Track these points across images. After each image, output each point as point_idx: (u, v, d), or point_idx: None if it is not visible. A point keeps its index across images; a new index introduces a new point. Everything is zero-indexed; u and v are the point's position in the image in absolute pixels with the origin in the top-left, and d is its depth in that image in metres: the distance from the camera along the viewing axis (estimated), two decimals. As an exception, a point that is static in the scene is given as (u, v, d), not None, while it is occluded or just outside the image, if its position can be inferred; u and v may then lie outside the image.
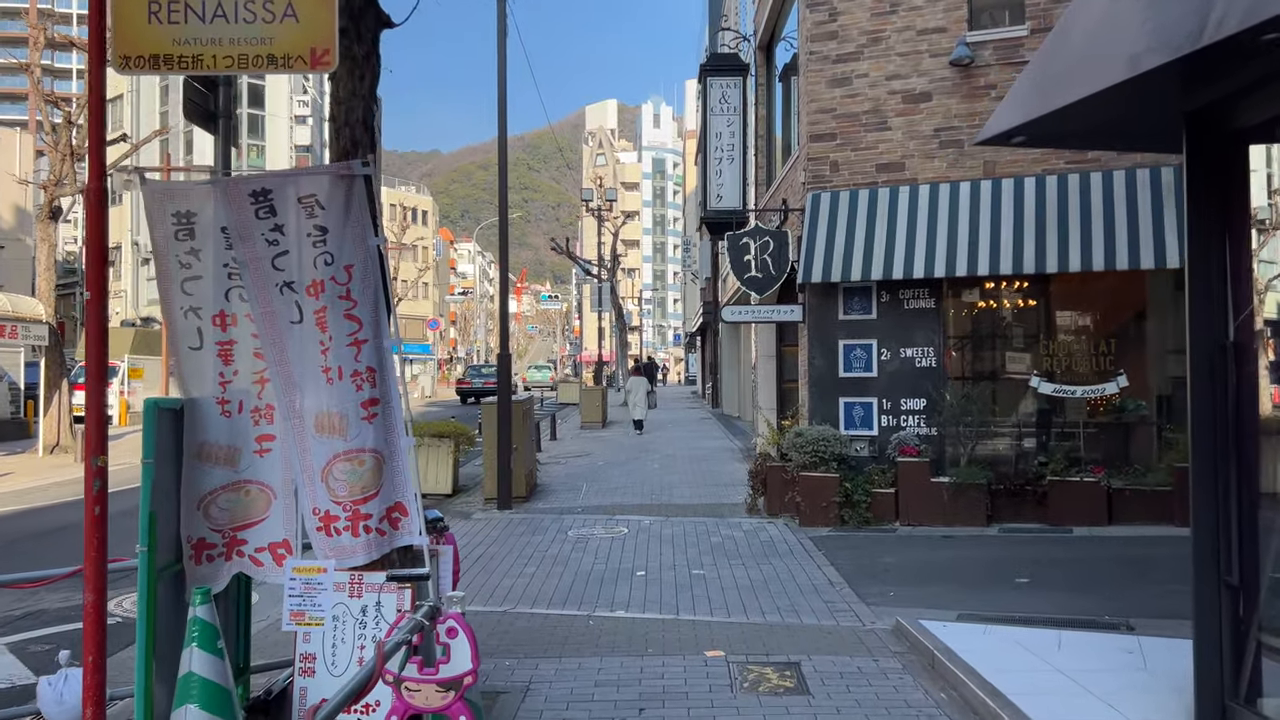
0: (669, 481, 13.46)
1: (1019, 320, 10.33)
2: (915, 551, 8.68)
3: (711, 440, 19.45)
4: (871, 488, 9.86)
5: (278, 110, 40.62)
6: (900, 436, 10.06)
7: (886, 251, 9.93)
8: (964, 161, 10.11)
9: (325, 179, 4.33)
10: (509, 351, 11.51)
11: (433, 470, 12.78)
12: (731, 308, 11.08)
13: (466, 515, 11.19)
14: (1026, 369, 10.09)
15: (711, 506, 11.34)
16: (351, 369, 4.30)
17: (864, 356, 10.33)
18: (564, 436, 21.36)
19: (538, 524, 10.46)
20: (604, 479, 13.95)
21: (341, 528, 4.30)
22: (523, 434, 11.99)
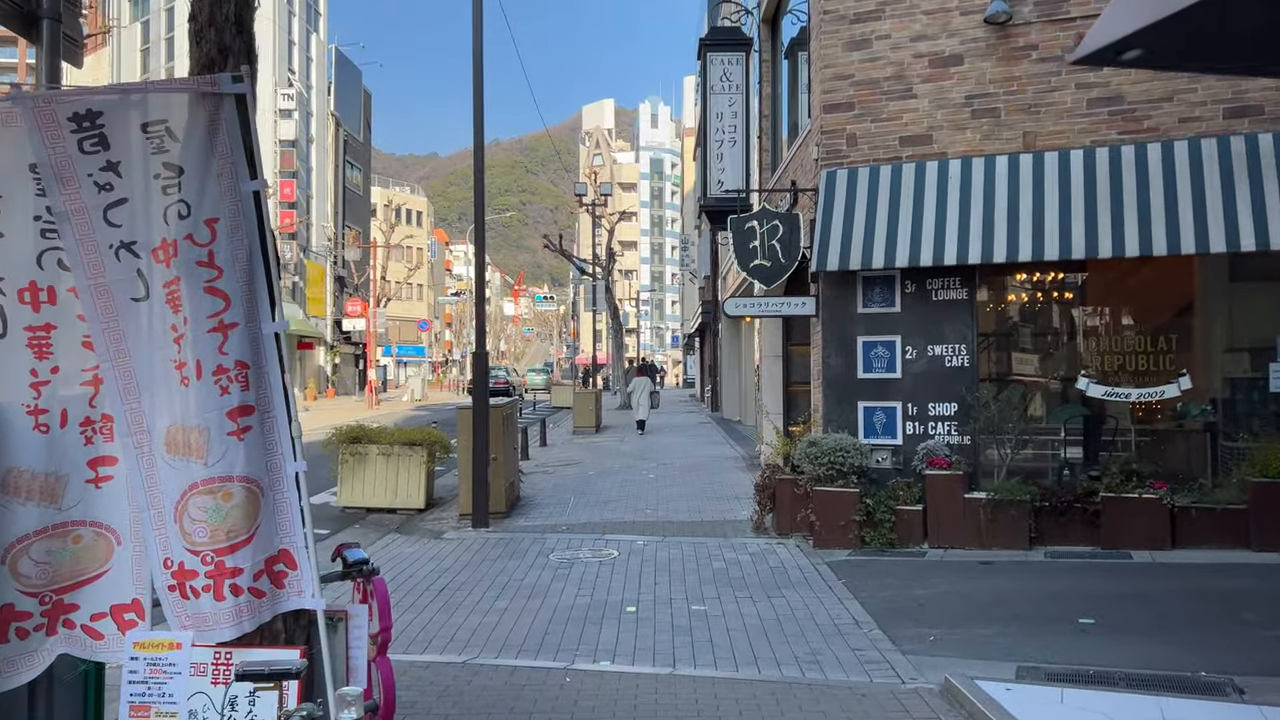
0: (666, 494, 12.22)
1: (1064, 313, 9.10)
2: (951, 581, 7.44)
3: (711, 447, 18.21)
4: (896, 504, 8.64)
5: (260, 103, 38.92)
6: (928, 446, 8.83)
7: (913, 235, 8.71)
8: (1000, 132, 8.89)
9: (181, 100, 3.11)
10: (485, 350, 10.28)
11: (403, 482, 11.54)
12: (736, 300, 9.87)
13: (437, 534, 9.95)
14: (1073, 369, 8.87)
15: (713, 524, 10.10)
16: (214, 364, 3.07)
17: (886, 355, 9.11)
18: (555, 442, 20.12)
19: (516, 545, 9.22)
20: (594, 491, 12.71)
21: (200, 586, 3.06)
22: (502, 442, 10.75)
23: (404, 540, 9.74)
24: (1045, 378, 9.03)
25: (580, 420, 22.69)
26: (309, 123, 42.89)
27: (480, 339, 10.26)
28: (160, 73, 40.16)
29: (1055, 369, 9.09)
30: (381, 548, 9.35)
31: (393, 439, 11.60)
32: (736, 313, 9.83)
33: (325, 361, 46.01)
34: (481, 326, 10.24)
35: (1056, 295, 9.12)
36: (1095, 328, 8.95)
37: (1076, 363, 8.87)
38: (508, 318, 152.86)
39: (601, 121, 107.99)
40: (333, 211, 45.70)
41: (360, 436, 11.63)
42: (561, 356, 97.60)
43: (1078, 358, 8.90)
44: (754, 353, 19.03)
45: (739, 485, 12.74)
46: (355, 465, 11.55)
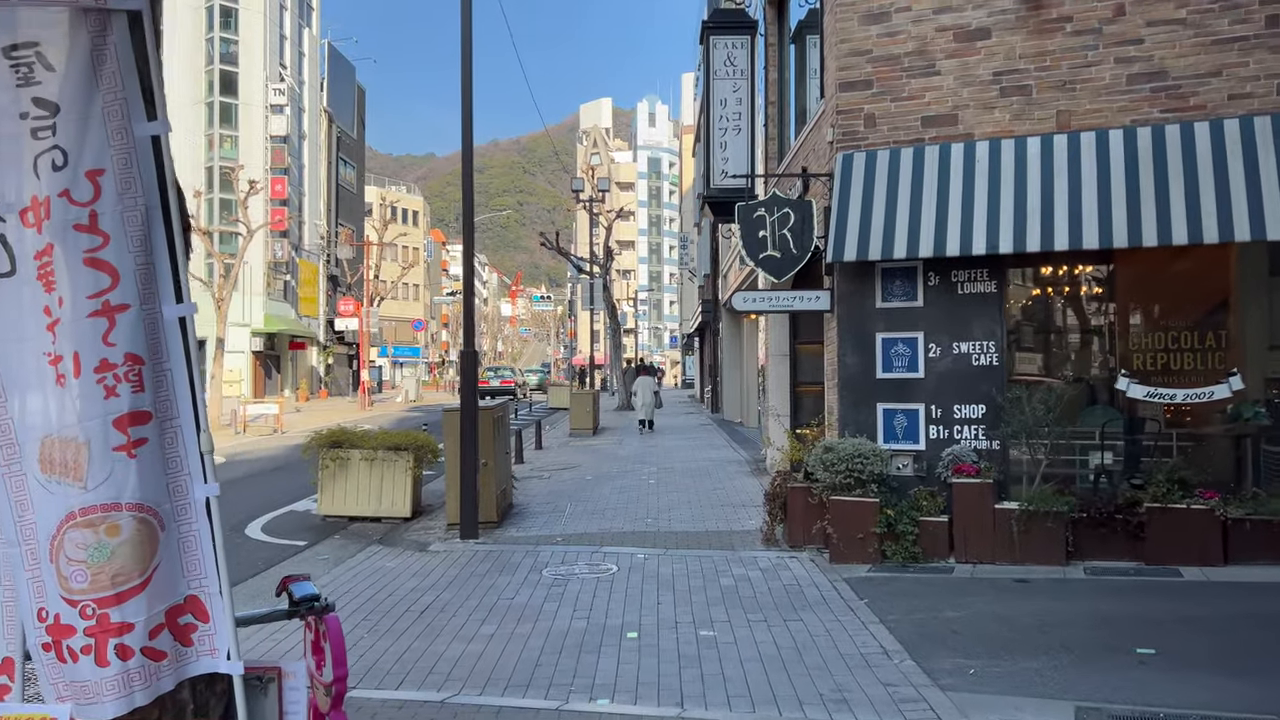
0: (668, 501, 11.52)
1: (1101, 307, 8.41)
2: (985, 602, 6.75)
3: (714, 450, 17.51)
4: (919, 515, 7.94)
5: (251, 98, 38.49)
6: (954, 451, 8.13)
7: (937, 223, 8.01)
8: (1032, 111, 8.20)
9: (58, 17, 2.41)
10: (474, 348, 9.58)
11: (388, 489, 10.84)
12: (744, 294, 9.16)
13: (422, 546, 9.24)
14: (1108, 368, 8.18)
15: (719, 535, 9.40)
16: (97, 358, 2.37)
17: (907, 353, 8.41)
18: (550, 445, 19.42)
19: (507, 559, 8.52)
20: (592, 498, 12.00)
21: (79, 646, 2.37)
22: (493, 447, 10.05)
23: (386, 553, 9.03)
24: (1078, 378, 8.34)
25: (577, 422, 21.99)
26: (301, 118, 42.14)
27: (469, 336, 9.56)
28: (149, 67, 39.49)
29: (1090, 368, 8.40)
30: (361, 561, 8.64)
31: (376, 443, 10.89)
32: (744, 308, 9.15)
33: (318, 362, 45.27)
34: (470, 322, 9.54)
35: (1091, 288, 8.44)
36: (1133, 323, 8.26)
37: (1113, 361, 8.18)
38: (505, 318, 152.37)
39: (599, 121, 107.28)
40: (325, 209, 44.94)
41: (342, 440, 10.93)
42: (559, 357, 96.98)
43: (1115, 356, 8.21)
44: (757, 352, 18.35)
45: (744, 491, 12.05)
46: (337, 471, 10.84)
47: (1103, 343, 8.32)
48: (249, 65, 38.12)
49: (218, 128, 37.78)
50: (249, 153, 37.75)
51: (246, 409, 23.62)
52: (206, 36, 37.46)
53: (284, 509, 11.95)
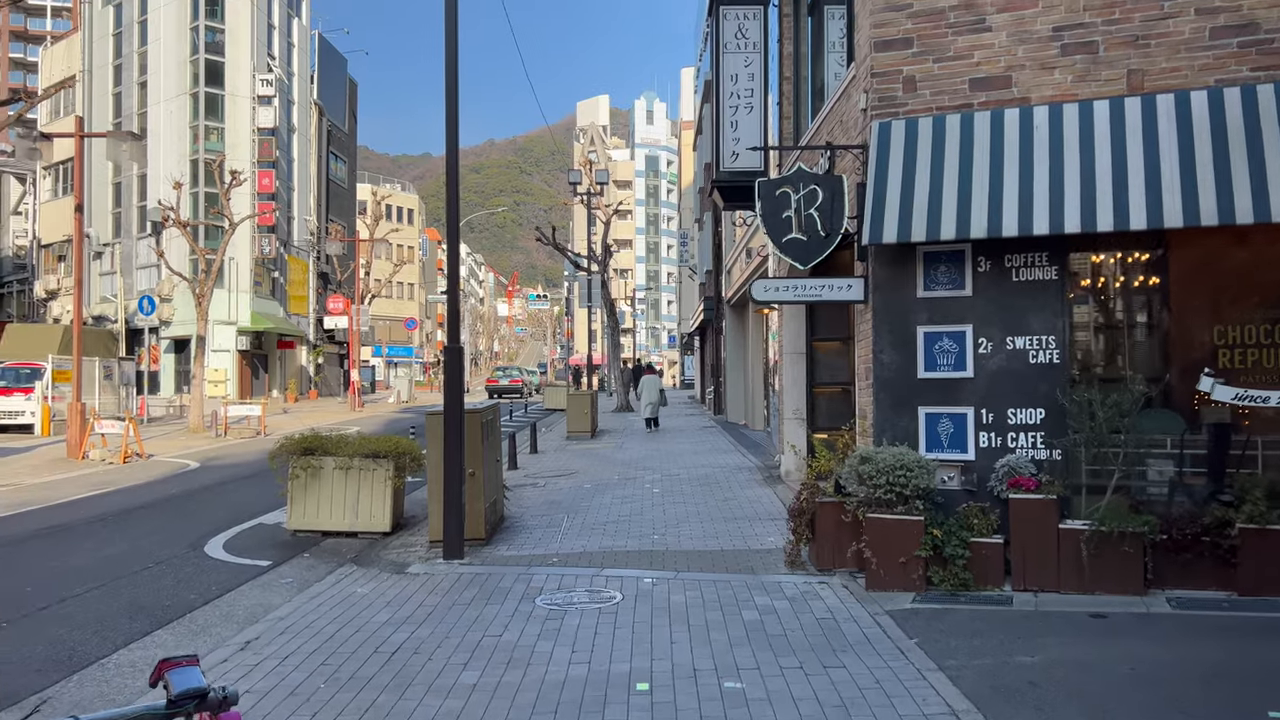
0: (675, 514, 10.45)
1: (1181, 296, 7.34)
2: (1061, 643, 5.69)
3: (721, 455, 16.44)
4: (969, 536, 6.89)
5: (238, 89, 37.23)
6: (1010, 462, 7.08)
7: (991, 199, 6.96)
8: (1098, 71, 7.14)
9: None
10: (460, 344, 8.50)
11: (366, 501, 9.76)
12: (765, 282, 8.08)
13: (400, 567, 8.17)
14: (1192, 366, 7.12)
15: (736, 555, 8.33)
16: None
17: (954, 349, 7.36)
18: (546, 449, 18.34)
19: (496, 584, 7.45)
20: (591, 509, 10.93)
21: None
22: (482, 454, 8.98)
23: (359, 576, 7.95)
24: (1153, 377, 7.28)
25: (574, 425, 20.92)
26: (290, 111, 40.97)
27: (453, 330, 8.49)
28: (133, 57, 38.27)
29: (1172, 366, 7.34)
30: (329, 586, 7.56)
31: (352, 450, 9.82)
32: (765, 298, 8.08)
33: (308, 362, 44.11)
34: (455, 314, 8.46)
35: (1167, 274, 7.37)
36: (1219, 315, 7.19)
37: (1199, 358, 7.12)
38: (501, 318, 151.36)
39: (596, 118, 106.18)
40: (316, 205, 43.79)
41: (314, 447, 9.85)
42: (555, 357, 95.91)
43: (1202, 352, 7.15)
44: (767, 351, 17.33)
45: (758, 503, 10.98)
46: (309, 481, 9.77)
47: (1189, 336, 7.25)
48: (236, 55, 36.95)
49: (203, 119, 36.59)
50: (236, 146, 36.59)
51: (227, 410, 22.50)
52: (191, 25, 36.31)
53: (253, 521, 10.87)
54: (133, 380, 26.87)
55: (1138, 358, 7.43)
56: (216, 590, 7.62)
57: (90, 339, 27.87)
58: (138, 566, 8.47)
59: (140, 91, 37.67)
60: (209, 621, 6.72)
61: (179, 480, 14.72)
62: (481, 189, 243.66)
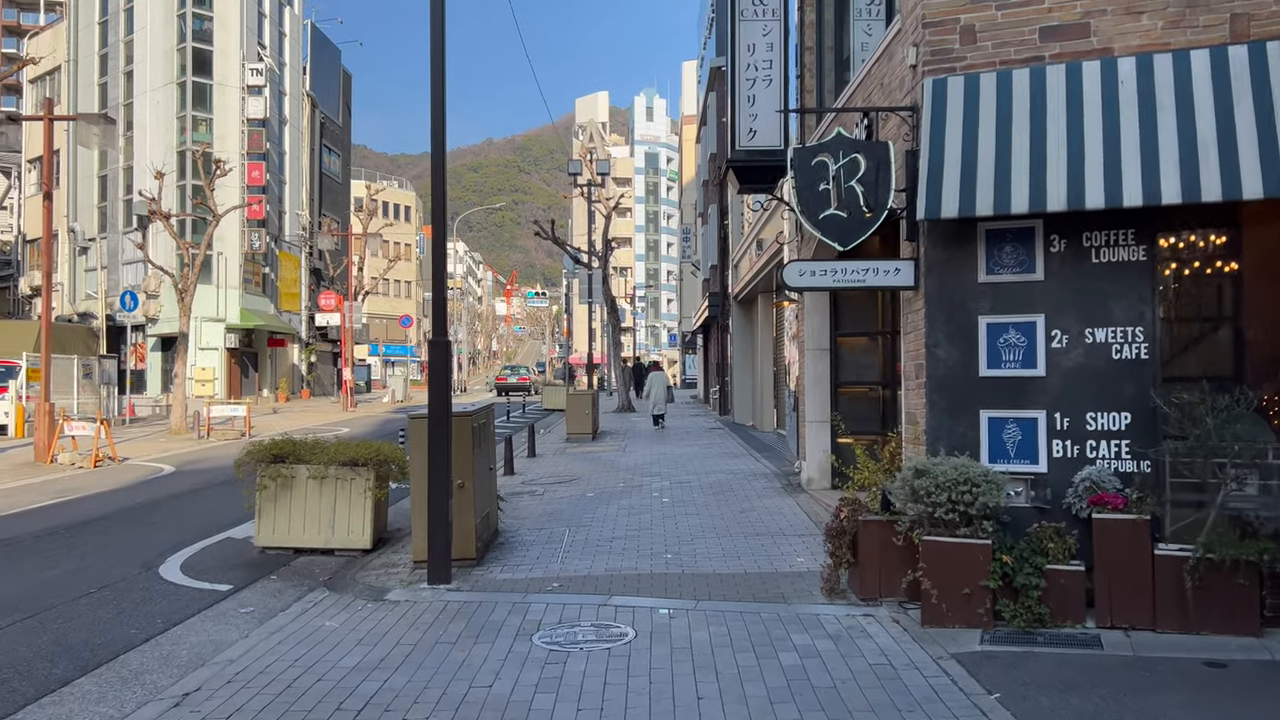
0: (689, 528, 9.39)
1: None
2: (1180, 704, 4.63)
3: (731, 459, 15.38)
4: (1045, 562, 5.84)
5: (227, 79, 36.10)
6: (1091, 475, 6.03)
7: (1070, 166, 5.91)
8: (1194, 17, 6.09)
9: None
10: (446, 338, 7.44)
11: (343, 514, 8.71)
12: (800, 265, 7.00)
13: (379, 594, 7.11)
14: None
15: (763, 579, 7.28)
16: None
17: (1022, 343, 6.31)
18: (545, 452, 17.28)
19: (486, 616, 6.39)
20: (595, 522, 9.88)
21: None
22: (472, 463, 7.92)
23: (329, 604, 6.89)
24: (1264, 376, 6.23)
25: (574, 426, 19.86)
26: (282, 102, 39.85)
27: (439, 319, 7.43)
28: (119, 46, 37.14)
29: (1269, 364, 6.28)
30: (293, 618, 6.50)
31: (329, 457, 8.76)
32: (800, 284, 7.00)
33: (300, 360, 42.99)
34: (441, 302, 7.40)
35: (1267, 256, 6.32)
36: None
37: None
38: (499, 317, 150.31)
39: (595, 115, 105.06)
40: (308, 199, 42.66)
41: (285, 454, 8.80)
42: (554, 356, 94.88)
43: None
44: (782, 348, 16.28)
45: (781, 515, 9.92)
46: (279, 493, 8.72)
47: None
48: (225, 44, 35.83)
49: (190, 110, 35.46)
50: (224, 137, 35.47)
51: (210, 411, 21.43)
52: (179, 13, 35.18)
53: (220, 536, 9.81)
54: (114, 379, 25.78)
55: (1247, 351, 6.36)
56: (162, 623, 6.55)
57: (69, 336, 26.79)
58: (78, 592, 7.40)
59: (126, 81, 36.55)
60: (145, 665, 5.65)
61: (148, 487, 13.65)
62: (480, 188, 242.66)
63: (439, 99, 7.33)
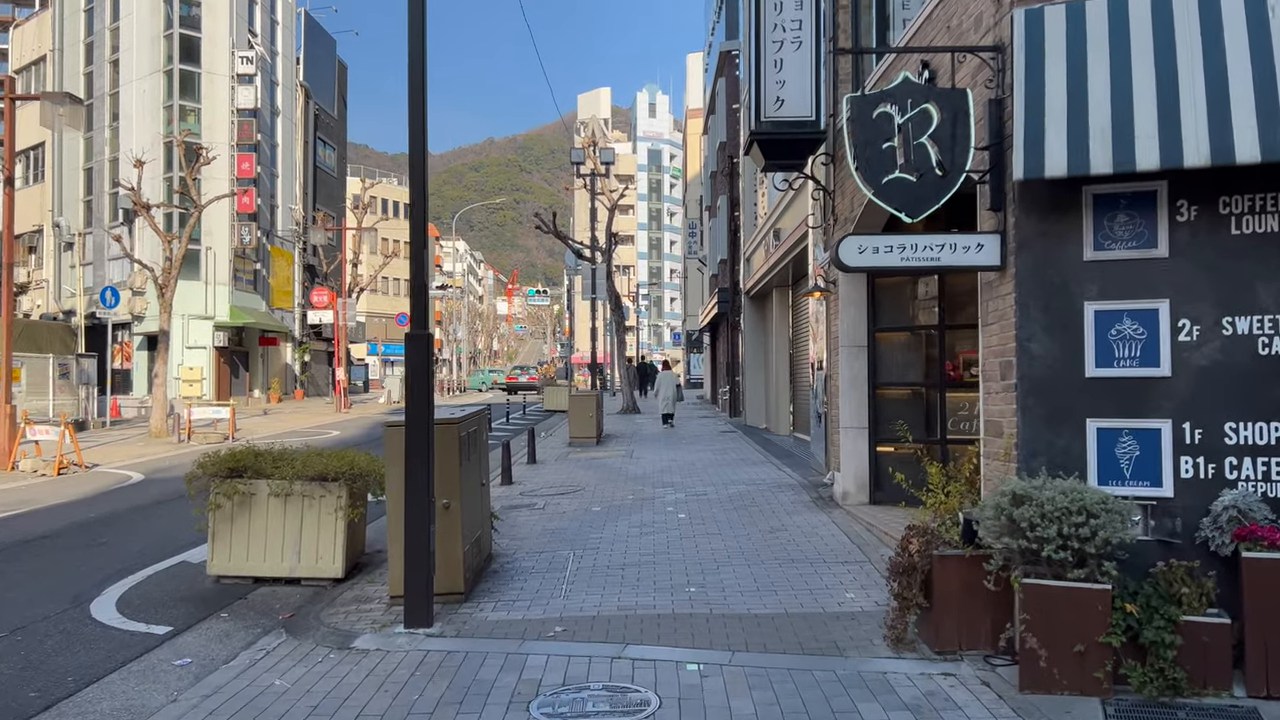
0: (711, 551, 8.14)
1: None
2: None
3: (750, 466, 14.13)
4: (1179, 612, 4.60)
5: (216, 68, 34.80)
6: (1235, 502, 4.78)
7: (1211, 111, 4.66)
8: (1365, -77, 4.83)
9: None
10: (427, 331, 6.19)
11: (311, 538, 7.48)
12: (857, 239, 5.71)
13: (344, 641, 5.87)
14: None
15: (809, 621, 6.03)
16: None
17: (1140, 335, 5.07)
18: (546, 458, 16.04)
19: (474, 673, 5.15)
20: (603, 543, 8.63)
21: None
22: (458, 480, 6.67)
23: (284, 654, 5.66)
24: None
25: (577, 430, 18.61)
26: (274, 93, 38.58)
27: (420, 309, 6.18)
28: (105, 34, 35.88)
29: None
30: (235, 674, 5.26)
31: (294, 471, 7.52)
32: (859, 262, 5.71)
33: (293, 359, 41.72)
34: (422, 287, 6.15)
35: None
36: None
37: None
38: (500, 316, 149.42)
39: (598, 111, 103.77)
40: (302, 193, 41.38)
41: (244, 467, 7.56)
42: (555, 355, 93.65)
43: None
44: (805, 344, 15.07)
45: (817, 535, 8.66)
46: (237, 512, 7.49)
47: None
48: (213, 31, 34.56)
49: (177, 99, 34.20)
50: (213, 127, 34.21)
51: (191, 413, 20.20)
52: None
53: (175, 559, 8.58)
54: (93, 379, 24.54)
55: None
56: (73, 682, 5.32)
57: (45, 334, 25.56)
58: (-16, 637, 6.16)
59: (112, 70, 35.28)
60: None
61: (110, 498, 12.41)
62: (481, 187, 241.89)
63: (418, 52, 6.09)
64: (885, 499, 9.70)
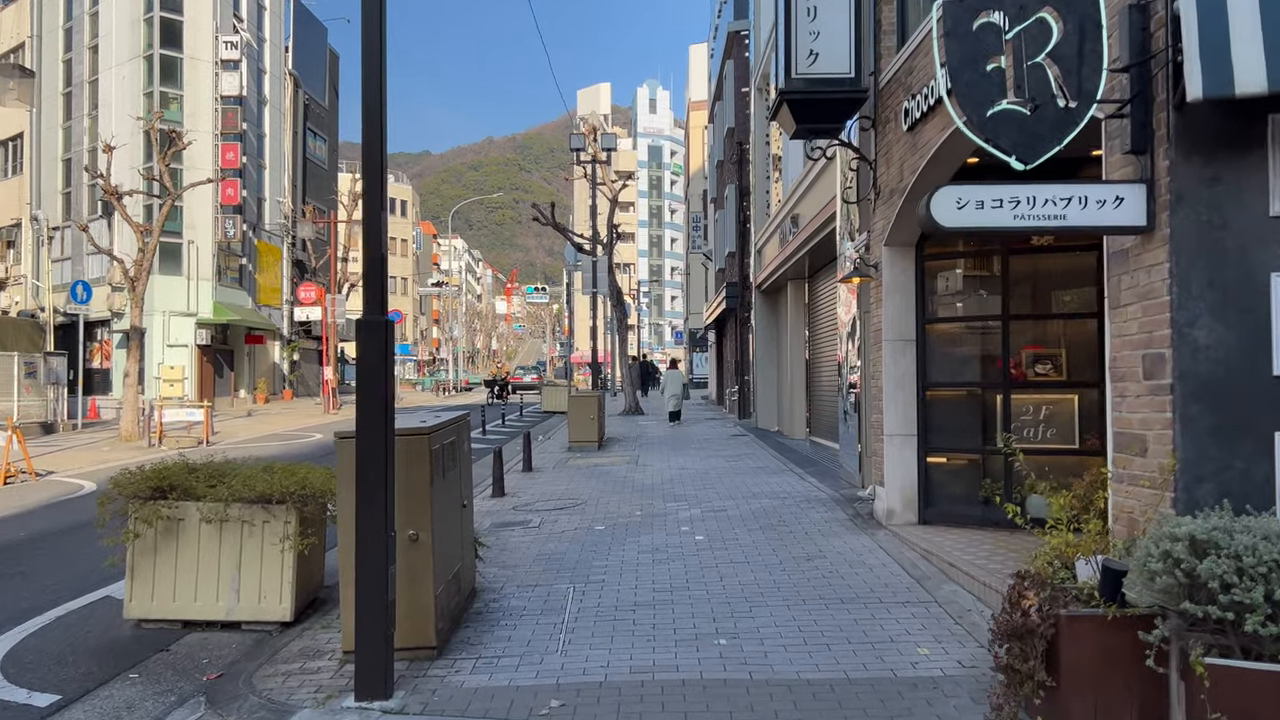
0: (740, 586, 6.75)
1: None
2: None
3: (771, 476, 12.74)
4: None
5: (199, 52, 33.35)
6: None
7: None
8: None
9: None
10: (385, 316, 4.82)
11: (252, 574, 6.13)
12: (959, 189, 4.32)
13: (281, 717, 4.49)
14: None
15: (876, 691, 4.65)
16: None
17: (1353, 318, 3.68)
18: (543, 465, 14.67)
19: (437, 783, 3.77)
20: (609, 573, 7.25)
21: None
22: (428, 504, 5.29)
23: (191, 743, 4.28)
24: None
25: (577, 433, 17.23)
26: (261, 81, 37.15)
27: (377, 285, 4.80)
28: (84, 19, 34.46)
29: None
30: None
31: (232, 492, 6.14)
32: (958, 223, 4.26)
33: (281, 358, 40.28)
34: (378, 258, 4.78)
35: None
36: None
37: None
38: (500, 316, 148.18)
39: (597, 106, 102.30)
40: (290, 186, 39.92)
41: (170, 486, 6.21)
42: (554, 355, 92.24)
43: None
44: (841, 339, 13.72)
45: (864, 565, 7.28)
46: (162, 543, 6.14)
47: None
48: (196, 15, 33.11)
49: (158, 85, 32.74)
50: (196, 115, 32.77)
51: (162, 414, 18.81)
52: (146, -20, 32.53)
53: (98, 593, 7.23)
54: (63, 378, 23.15)
55: None
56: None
57: (9, 331, 24.12)
58: None
59: (92, 57, 33.86)
60: None
61: (50, 513, 11.04)
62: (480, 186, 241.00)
63: None
64: (936, 518, 8.34)
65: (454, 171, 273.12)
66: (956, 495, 8.45)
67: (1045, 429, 8.27)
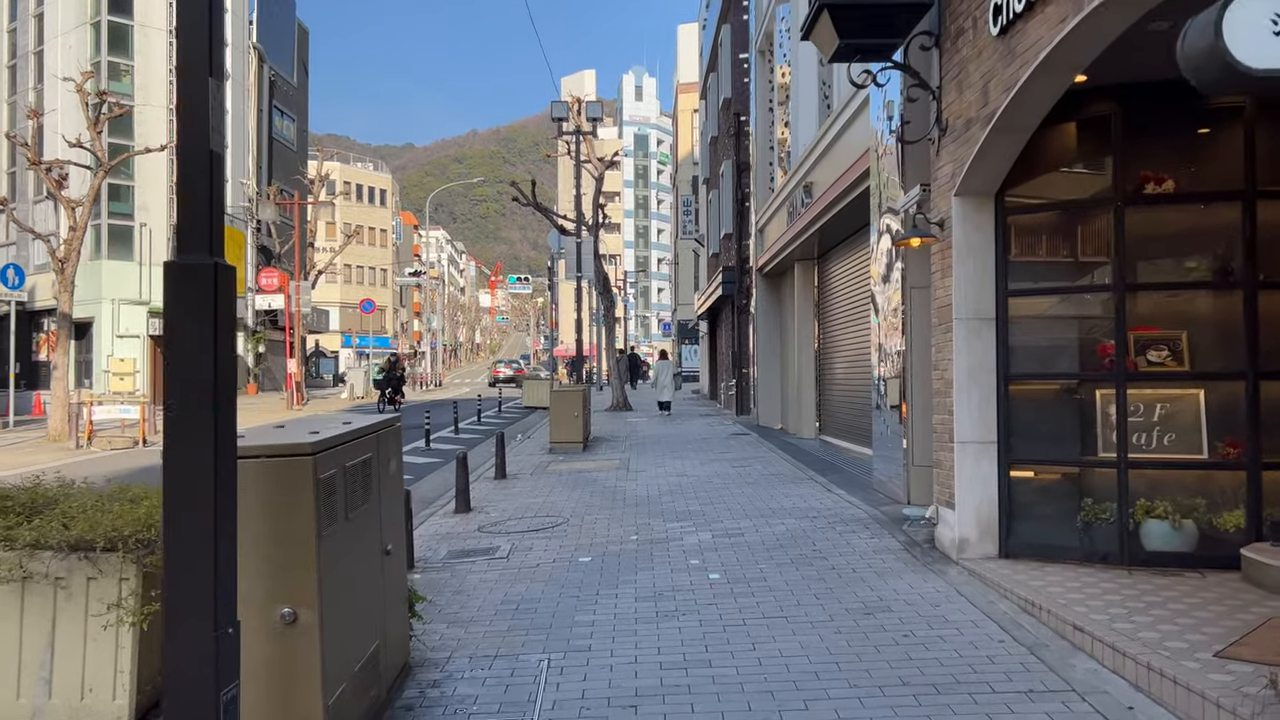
0: (784, 661, 4.78)
1: None
2: None
3: (789, 486, 10.78)
4: None
5: (151, 20, 31.08)
6: None
7: None
8: None
9: None
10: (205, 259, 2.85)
11: (67, 657, 4.16)
12: (1266, 2, 2.46)
13: None
14: None
15: None
16: None
17: None
18: (520, 470, 12.69)
19: None
20: (596, 637, 5.28)
21: None
22: (314, 563, 3.31)
23: None
24: None
25: (560, 432, 15.25)
26: (222, 53, 34.85)
27: (196, 213, 2.83)
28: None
29: None
30: None
31: (39, 536, 4.14)
32: (1270, 65, 2.48)
33: (246, 350, 38.05)
34: (201, 149, 2.81)
35: None
36: None
37: None
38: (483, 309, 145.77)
39: (582, 94, 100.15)
40: (255, 166, 37.66)
41: (-53, 526, 4.19)
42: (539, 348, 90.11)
43: None
44: (874, 322, 11.76)
45: (946, 623, 5.33)
46: (-68, 608, 4.11)
47: None
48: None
49: (105, 55, 30.42)
50: (147, 87, 30.47)
51: (92, 412, 16.71)
52: (94, -57, 30.18)
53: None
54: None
55: None
56: None
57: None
58: None
59: (37, 25, 31.52)
60: None
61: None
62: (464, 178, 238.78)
63: None
64: (1023, 550, 6.43)
65: (438, 164, 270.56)
66: (1046, 519, 6.55)
67: (1161, 434, 6.37)
